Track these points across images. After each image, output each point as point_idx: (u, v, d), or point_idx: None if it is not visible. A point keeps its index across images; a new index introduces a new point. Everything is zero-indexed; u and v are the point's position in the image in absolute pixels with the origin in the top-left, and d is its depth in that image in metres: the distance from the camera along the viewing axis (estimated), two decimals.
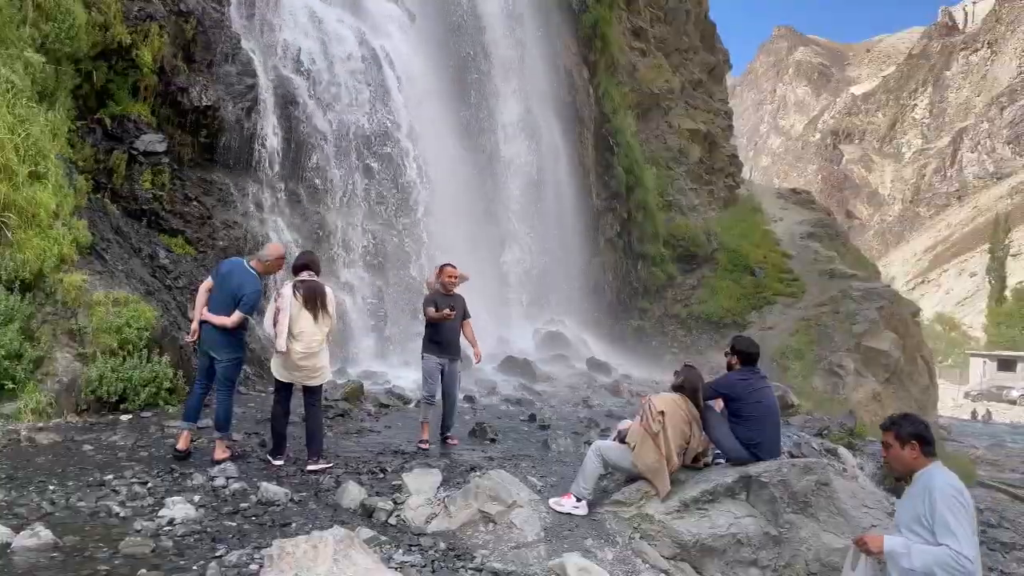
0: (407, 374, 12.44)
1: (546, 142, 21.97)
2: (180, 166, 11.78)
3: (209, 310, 5.84)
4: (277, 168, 13.16)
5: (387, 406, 9.57)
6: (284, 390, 6.10)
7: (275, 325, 5.75)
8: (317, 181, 13.73)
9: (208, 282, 5.96)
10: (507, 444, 7.81)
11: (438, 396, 7.24)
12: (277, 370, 5.92)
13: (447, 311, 6.99)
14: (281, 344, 5.70)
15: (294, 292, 5.79)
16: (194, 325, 5.87)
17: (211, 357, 5.86)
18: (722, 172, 34.26)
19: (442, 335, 7.11)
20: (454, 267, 7.28)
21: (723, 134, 35.49)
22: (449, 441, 7.35)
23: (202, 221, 11.60)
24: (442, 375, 7.15)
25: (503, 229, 19.68)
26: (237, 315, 5.81)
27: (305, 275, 5.94)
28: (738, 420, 5.59)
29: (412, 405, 10.11)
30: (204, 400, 6.10)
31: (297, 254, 6.38)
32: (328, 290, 6.04)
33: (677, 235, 27.44)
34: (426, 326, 7.17)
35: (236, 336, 5.93)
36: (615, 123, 25.38)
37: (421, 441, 7.06)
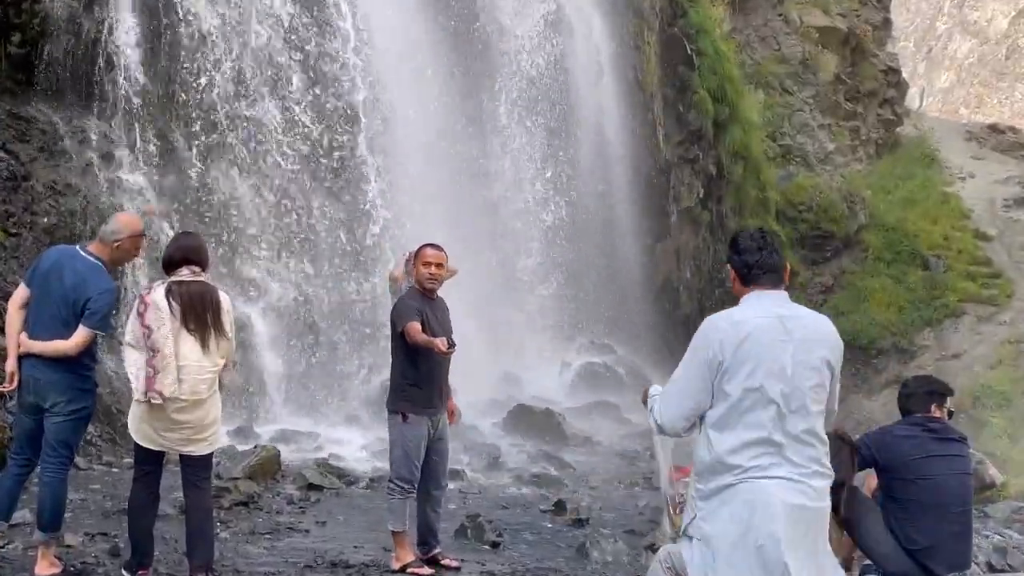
0: (351, 436, 12.45)
1: (581, 52, 21.95)
2: None
3: (30, 335, 5.88)
4: (137, 98, 13.23)
5: (319, 488, 9.57)
6: (150, 463, 6.09)
7: (142, 356, 5.81)
8: (202, 119, 13.81)
9: (22, 291, 5.99)
10: (518, 551, 7.82)
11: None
12: (139, 430, 5.94)
13: (445, 344, 6.63)
14: (144, 387, 5.74)
15: (168, 300, 5.83)
16: (10, 364, 5.87)
17: (39, 411, 5.91)
18: (874, 98, 34.10)
19: (433, 374, 6.94)
20: (439, 249, 7.15)
21: (876, 35, 35.34)
22: (443, 561, 7.13)
23: (14, 184, 11.63)
24: (428, 444, 6.95)
25: (508, 196, 19.69)
26: (82, 333, 5.84)
27: (185, 273, 5.97)
28: (899, 508, 5.60)
29: (361, 486, 10.13)
30: (24, 483, 6.14)
31: (171, 238, 6.43)
32: (224, 297, 6.09)
33: (799, 203, 27.30)
34: (403, 357, 6.92)
35: (80, 372, 5.97)
36: (695, 19, 25.33)
37: (408, 567, 6.81)
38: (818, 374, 4.18)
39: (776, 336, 4.17)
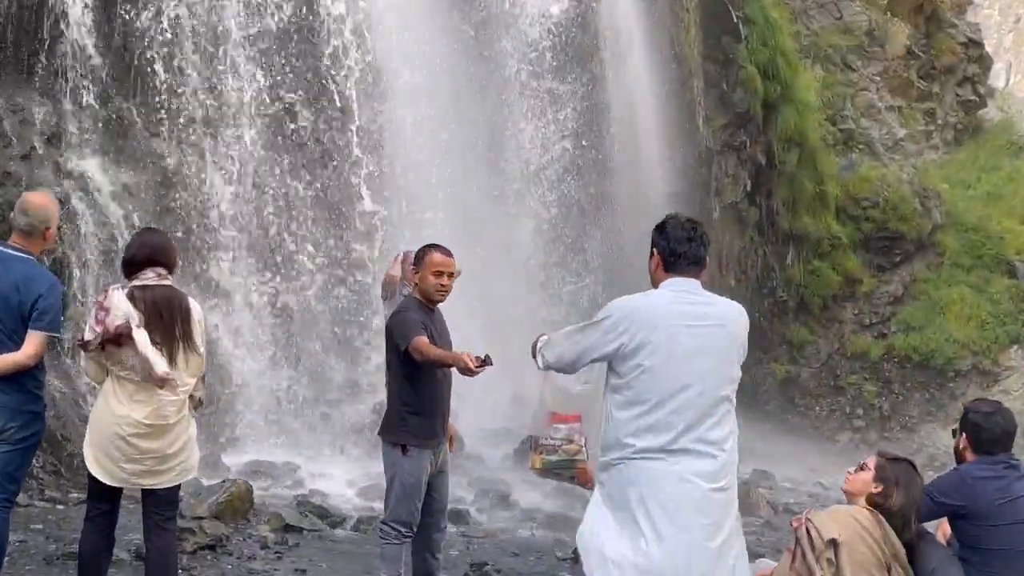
0: (332, 470, 12.47)
1: (606, 18, 21.96)
2: None
3: None
4: (89, 68, 13.29)
5: (297, 530, 9.60)
6: (105, 500, 6.15)
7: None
8: (165, 96, 13.86)
9: None
10: None
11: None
12: (95, 460, 5.98)
13: (474, 360, 6.42)
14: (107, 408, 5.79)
15: (132, 305, 5.87)
16: None
17: None
18: (952, 76, 34.09)
19: (436, 399, 6.94)
20: (449, 255, 7.06)
21: (954, 1, 35.36)
22: None
23: None
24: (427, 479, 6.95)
25: (522, 188, 19.71)
26: (36, 338, 5.86)
27: (150, 276, 6.03)
28: (979, 559, 5.61)
29: (347, 528, 10.15)
30: None
31: (133, 235, 6.46)
32: (194, 304, 6.17)
33: (863, 198, 27.29)
34: (403, 378, 6.91)
35: (32, 391, 6.02)
36: None
37: None
38: (725, 359, 4.91)
39: (683, 320, 4.85)
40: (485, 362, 6.33)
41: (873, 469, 5.69)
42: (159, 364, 5.76)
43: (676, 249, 5.02)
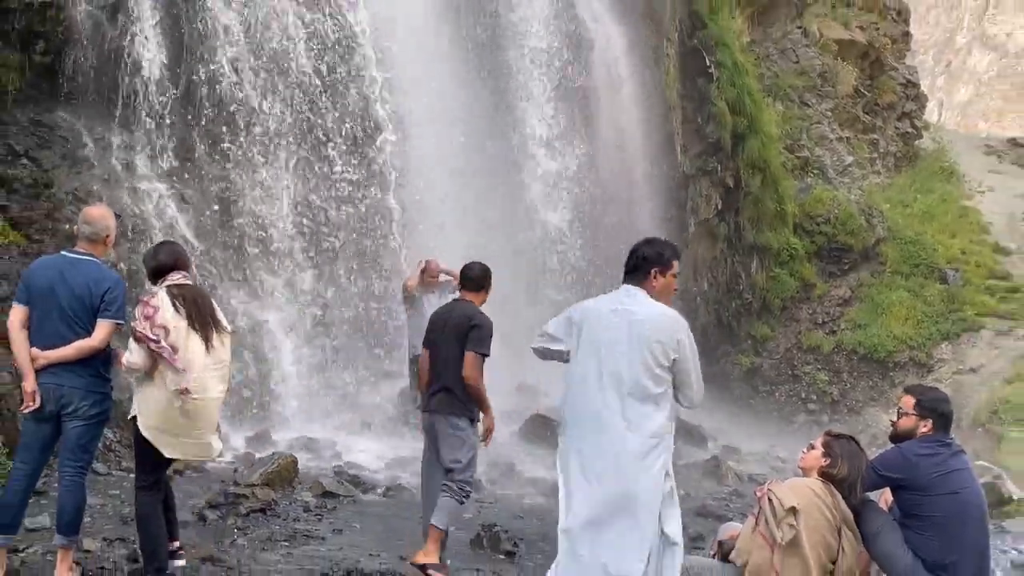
0: (369, 444, 12.45)
1: (600, 62, 21.97)
2: (1, 101, 11.91)
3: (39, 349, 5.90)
4: (158, 107, 13.29)
5: (335, 496, 9.62)
6: (159, 471, 6.20)
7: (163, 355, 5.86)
8: (223, 129, 13.88)
9: (20, 311, 5.96)
10: (533, 561, 7.83)
11: None
12: (160, 432, 5.98)
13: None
14: (184, 381, 5.81)
15: (173, 302, 5.92)
16: (30, 383, 5.86)
17: (56, 419, 5.94)
18: (892, 112, 34.02)
19: None
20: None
21: (895, 48, 35.28)
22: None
23: (36, 191, 11.72)
24: None
25: (525, 206, 19.70)
26: (105, 326, 5.93)
27: (177, 277, 6.13)
28: (917, 524, 5.59)
29: (377, 494, 10.15)
30: (30, 494, 6.16)
31: (153, 248, 6.48)
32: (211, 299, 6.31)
33: (817, 216, 27.23)
34: (482, 367, 7.21)
35: (101, 376, 6.05)
36: (714, 30, 25.30)
37: (430, 567, 6.74)
38: (650, 355, 5.14)
39: (612, 320, 5.26)
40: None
41: (821, 447, 5.74)
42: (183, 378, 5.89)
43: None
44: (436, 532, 6.80)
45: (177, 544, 6.39)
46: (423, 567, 6.72)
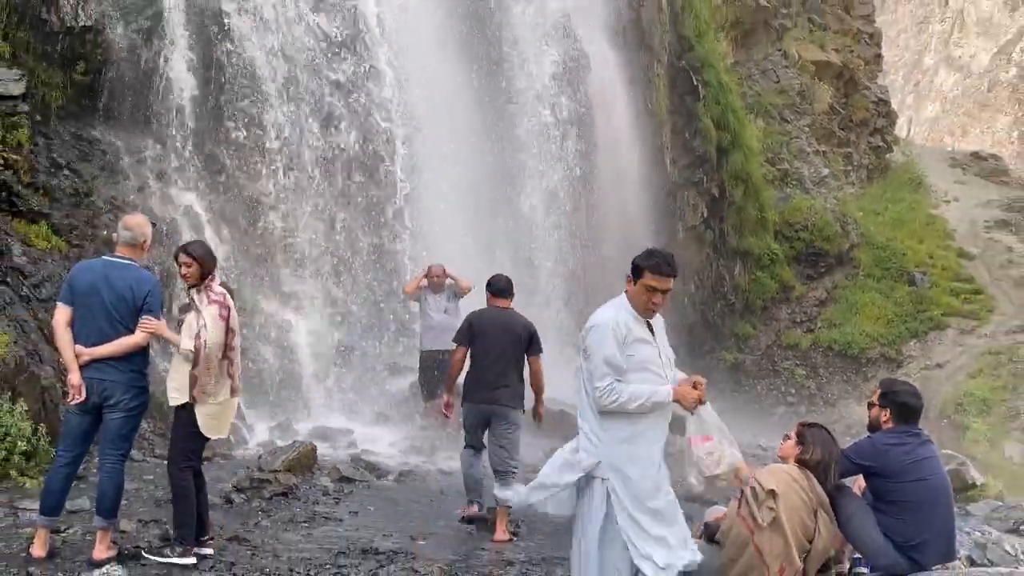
0: (381, 433, 12.45)
1: (595, 82, 21.99)
2: (45, 117, 11.96)
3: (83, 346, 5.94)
4: (189, 122, 13.35)
5: (351, 481, 9.63)
6: (200, 453, 6.35)
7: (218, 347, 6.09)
8: (250, 139, 13.91)
9: (64, 311, 5.99)
10: (534, 541, 7.85)
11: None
12: (213, 427, 6.22)
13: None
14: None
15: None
16: (75, 377, 5.89)
17: (98, 410, 5.98)
18: (865, 127, 34.03)
19: None
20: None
21: (867, 69, 35.30)
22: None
23: (77, 200, 11.76)
24: None
25: (525, 213, 19.72)
26: (148, 324, 6.00)
27: (218, 277, 6.42)
28: (888, 508, 5.61)
29: (390, 479, 10.16)
30: (72, 480, 6.19)
31: (192, 249, 6.45)
32: None
33: (796, 223, 27.26)
34: (522, 366, 8.33)
35: (140, 371, 6.12)
36: (700, 52, 25.33)
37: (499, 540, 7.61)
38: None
39: None
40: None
41: (795, 436, 5.77)
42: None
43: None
44: (505, 508, 7.64)
45: (209, 535, 6.45)
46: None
